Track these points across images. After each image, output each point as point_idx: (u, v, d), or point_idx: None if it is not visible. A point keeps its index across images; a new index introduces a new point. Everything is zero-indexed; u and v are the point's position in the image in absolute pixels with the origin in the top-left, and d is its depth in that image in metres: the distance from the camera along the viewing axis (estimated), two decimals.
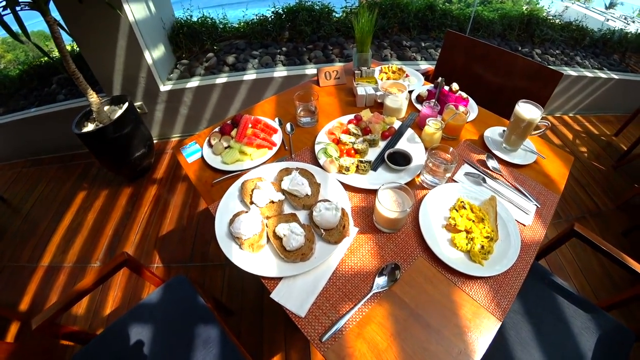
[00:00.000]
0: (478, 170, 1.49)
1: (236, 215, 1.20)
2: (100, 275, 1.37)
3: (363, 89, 1.71)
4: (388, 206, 1.13)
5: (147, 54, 2.77)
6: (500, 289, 1.09)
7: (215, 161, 1.47)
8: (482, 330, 0.99)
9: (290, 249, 1.09)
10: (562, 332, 1.45)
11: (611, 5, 3.97)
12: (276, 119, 1.66)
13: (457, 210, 1.29)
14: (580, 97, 3.58)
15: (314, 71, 2.92)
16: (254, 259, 1.12)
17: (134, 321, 1.46)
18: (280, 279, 1.09)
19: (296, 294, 1.06)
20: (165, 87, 2.95)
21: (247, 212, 1.20)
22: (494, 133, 1.66)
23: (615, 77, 3.31)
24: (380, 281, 1.09)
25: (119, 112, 2.60)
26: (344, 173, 1.36)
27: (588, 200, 2.81)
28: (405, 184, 1.24)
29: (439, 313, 1.02)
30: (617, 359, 1.39)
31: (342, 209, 1.18)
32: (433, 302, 1.05)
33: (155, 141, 3.24)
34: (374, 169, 1.41)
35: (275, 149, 1.50)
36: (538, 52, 3.43)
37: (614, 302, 1.60)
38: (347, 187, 1.34)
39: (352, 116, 1.61)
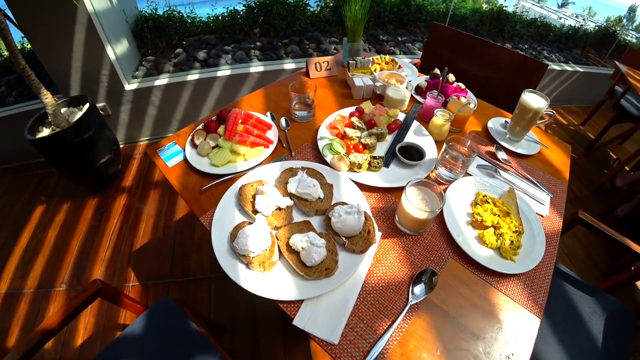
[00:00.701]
0: (489, 162, 1.36)
1: (238, 227, 0.97)
2: (67, 311, 1.08)
3: (361, 80, 1.52)
4: (417, 205, 0.95)
5: (109, 49, 2.40)
6: (533, 285, 1.01)
7: (202, 164, 1.22)
8: (525, 329, 0.91)
9: (312, 264, 0.88)
10: (573, 318, 1.41)
11: (563, 5, 4.10)
12: (268, 114, 1.43)
13: (479, 205, 1.15)
14: (549, 90, 3.66)
15: (293, 66, 2.72)
16: (266, 279, 0.90)
17: (118, 357, 1.18)
18: (301, 301, 0.87)
19: (324, 317, 0.85)
20: (130, 86, 2.59)
21: (251, 223, 0.97)
22: (496, 124, 1.55)
23: (580, 69, 3.41)
24: (417, 290, 0.92)
25: (79, 114, 2.22)
26: (355, 171, 1.17)
27: None
28: None
29: (481, 317, 0.92)
30: (623, 337, 1.38)
31: (365, 212, 0.99)
32: (473, 306, 0.94)
33: (121, 146, 2.85)
34: (386, 165, 1.23)
35: (272, 147, 1.27)
36: (508, 47, 3.41)
37: (613, 284, 1.57)
38: (360, 187, 1.15)
39: (352, 108, 1.42)
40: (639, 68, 2.82)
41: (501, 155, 1.40)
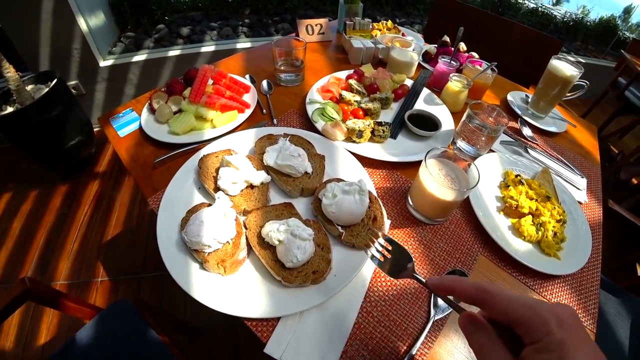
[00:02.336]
0: (514, 139, 1.06)
1: (192, 211, 0.65)
2: None
3: (359, 42, 1.20)
4: (440, 182, 0.64)
5: (81, 21, 2.03)
6: (581, 289, 0.74)
7: (159, 132, 0.89)
8: None
9: (293, 265, 0.56)
10: (601, 322, 1.14)
11: (558, 2, 3.81)
12: (247, 76, 1.10)
13: (512, 187, 0.84)
14: None
15: None
16: (227, 286, 0.58)
17: None
18: (278, 319, 0.56)
19: (311, 343, 0.54)
20: (105, 62, 2.21)
21: (210, 205, 0.65)
22: (516, 98, 1.25)
23: (582, 61, 3.13)
24: (442, 301, 0.61)
25: (45, 90, 1.87)
26: (354, 141, 0.85)
27: None
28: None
29: None
30: None
31: (370, 192, 0.67)
32: None
33: (96, 129, 2.49)
34: (393, 135, 0.91)
35: (248, 112, 0.94)
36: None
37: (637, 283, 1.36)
38: (360, 161, 0.82)
39: (351, 71, 1.10)
40: None
41: (526, 131, 1.10)
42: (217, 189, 0.68)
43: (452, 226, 0.76)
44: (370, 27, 1.33)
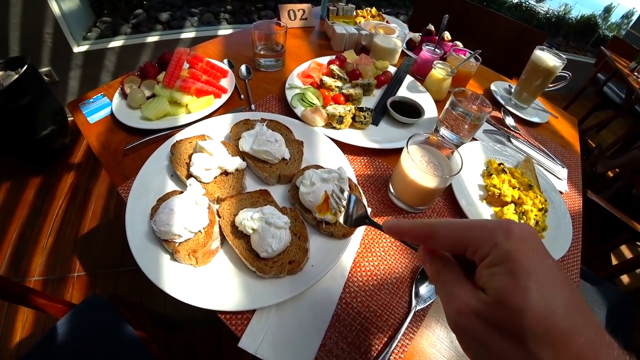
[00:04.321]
0: (497, 128, 1.05)
1: (163, 199, 0.60)
2: None
3: (342, 28, 1.16)
4: (423, 168, 0.62)
5: (53, 4, 1.90)
6: None
7: (131, 117, 0.84)
8: None
9: (268, 255, 0.52)
10: None
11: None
12: (225, 61, 1.04)
13: (495, 176, 0.83)
14: None
15: None
16: (199, 278, 0.54)
17: None
18: (253, 311, 0.52)
19: (286, 337, 0.51)
20: (79, 48, 2.09)
21: (181, 193, 0.61)
22: (499, 88, 1.24)
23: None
24: (423, 290, 0.60)
25: (15, 77, 1.76)
26: (334, 127, 0.81)
27: None
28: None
29: None
30: (626, 328, 1.20)
31: (350, 180, 0.64)
32: None
33: (70, 118, 2.37)
34: (375, 122, 0.88)
35: (225, 97, 0.89)
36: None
37: (612, 272, 1.50)
38: (341, 147, 0.79)
39: (332, 57, 1.06)
40: (623, 55, 2.62)
41: (509, 121, 1.09)
42: (190, 175, 0.64)
43: (435, 215, 0.74)
44: (354, 13, 1.30)
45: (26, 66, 1.84)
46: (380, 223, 0.37)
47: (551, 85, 1.16)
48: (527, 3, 3.39)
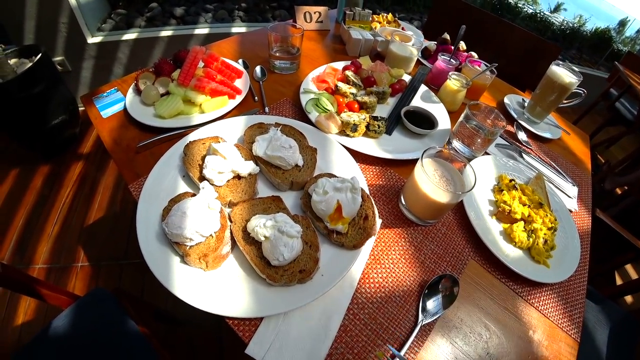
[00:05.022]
0: (510, 142, 1.04)
1: (174, 201, 0.61)
2: None
3: (358, 33, 1.16)
4: (436, 182, 0.61)
5: None
6: (568, 298, 0.74)
7: (144, 114, 0.84)
8: (563, 358, 0.64)
9: (280, 264, 0.52)
10: None
11: (556, 9, 3.80)
12: (240, 61, 1.05)
13: (506, 192, 0.82)
14: None
15: None
16: (209, 282, 0.54)
17: None
18: (261, 318, 0.53)
19: (294, 345, 0.51)
20: (93, 39, 2.11)
21: (194, 195, 0.61)
22: (512, 101, 1.23)
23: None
24: (431, 305, 0.60)
25: (29, 65, 1.77)
26: (348, 135, 0.81)
27: None
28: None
29: (513, 344, 0.63)
30: (630, 348, 1.19)
31: (362, 190, 0.64)
32: (500, 327, 0.64)
33: (82, 108, 2.38)
34: (388, 132, 0.88)
35: (239, 98, 0.90)
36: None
37: (615, 292, 1.48)
38: (353, 156, 0.79)
39: (348, 62, 1.06)
40: (637, 71, 2.59)
41: (521, 136, 1.09)
42: (202, 178, 0.64)
43: (444, 228, 0.74)
44: (370, 18, 1.29)
45: (40, 55, 1.85)
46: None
47: (565, 102, 1.15)
48: (541, 14, 3.36)
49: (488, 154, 0.96)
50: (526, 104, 1.21)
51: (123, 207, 1.93)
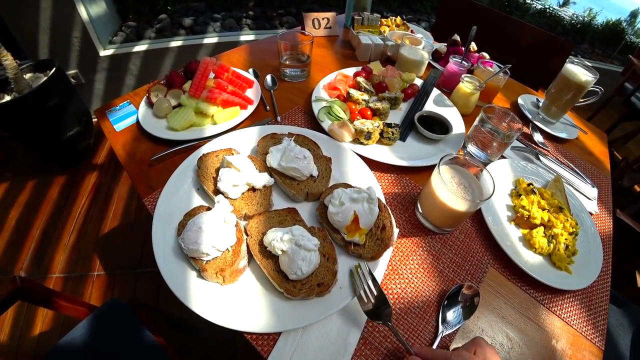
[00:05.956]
0: (525, 145, 1.02)
1: (189, 215, 0.61)
2: None
3: (368, 38, 1.15)
4: (453, 190, 0.60)
5: (81, 9, 1.97)
6: (591, 304, 0.71)
7: (157, 127, 0.85)
8: None
9: (297, 278, 0.52)
10: None
11: (565, 4, 3.73)
12: (250, 70, 1.05)
13: (524, 196, 0.80)
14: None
15: None
16: (226, 296, 0.54)
17: None
18: (279, 333, 0.52)
19: (313, 359, 0.50)
20: (106, 52, 2.15)
21: (209, 209, 0.61)
22: (527, 102, 1.21)
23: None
24: (451, 315, 0.58)
25: (44, 79, 1.81)
26: (362, 142, 0.81)
27: None
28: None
29: (536, 354, 0.61)
30: None
31: (379, 200, 0.63)
32: (524, 337, 0.63)
33: (95, 119, 2.43)
34: (402, 138, 0.87)
35: (251, 108, 0.90)
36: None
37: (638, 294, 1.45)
38: (367, 164, 0.78)
39: (358, 68, 1.05)
40: None
41: (538, 137, 1.06)
42: (217, 191, 0.64)
43: (462, 236, 0.73)
44: (379, 23, 1.28)
45: (54, 69, 1.89)
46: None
47: (582, 100, 1.12)
48: (551, 9, 3.29)
49: (504, 157, 0.94)
50: (541, 104, 1.18)
51: (137, 216, 1.95)
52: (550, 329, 0.64)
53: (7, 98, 1.83)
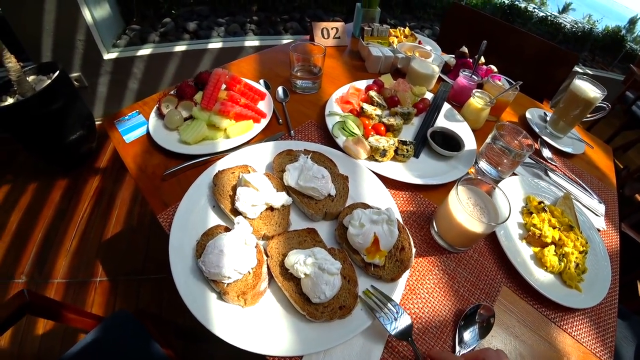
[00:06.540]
0: (535, 161, 1.03)
1: (209, 235, 0.61)
2: None
3: (378, 50, 1.16)
4: (470, 212, 0.61)
5: (85, 12, 1.96)
6: (600, 322, 0.73)
7: (169, 140, 0.84)
8: None
9: (320, 302, 0.52)
10: None
11: (564, 10, 3.76)
12: (261, 81, 1.05)
13: (535, 214, 0.82)
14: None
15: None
16: (247, 318, 0.55)
17: None
18: (301, 356, 0.53)
19: None
20: (109, 55, 2.15)
21: (228, 229, 0.62)
22: (534, 115, 1.22)
23: (590, 72, 3.11)
24: (467, 336, 0.59)
25: (47, 82, 1.81)
26: (376, 159, 0.82)
27: None
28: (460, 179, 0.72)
29: None
30: None
31: (398, 221, 0.64)
32: (537, 355, 0.64)
33: (98, 122, 2.42)
34: (416, 155, 0.88)
35: (264, 122, 0.90)
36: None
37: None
38: (382, 182, 0.79)
39: (370, 81, 1.06)
40: None
41: (546, 153, 1.07)
42: (235, 210, 0.64)
43: (476, 254, 0.74)
44: (388, 33, 1.29)
45: (58, 72, 1.88)
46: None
47: (589, 116, 1.14)
48: (552, 16, 3.32)
49: (515, 174, 0.95)
50: (548, 118, 1.19)
51: (140, 221, 1.94)
52: (562, 347, 0.66)
53: (10, 100, 1.82)
